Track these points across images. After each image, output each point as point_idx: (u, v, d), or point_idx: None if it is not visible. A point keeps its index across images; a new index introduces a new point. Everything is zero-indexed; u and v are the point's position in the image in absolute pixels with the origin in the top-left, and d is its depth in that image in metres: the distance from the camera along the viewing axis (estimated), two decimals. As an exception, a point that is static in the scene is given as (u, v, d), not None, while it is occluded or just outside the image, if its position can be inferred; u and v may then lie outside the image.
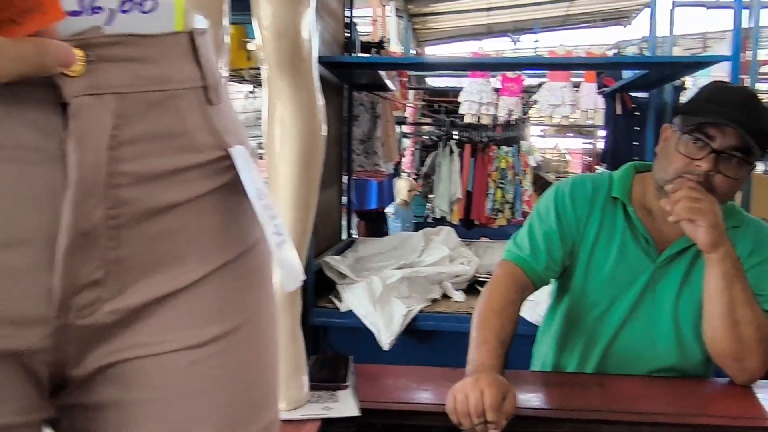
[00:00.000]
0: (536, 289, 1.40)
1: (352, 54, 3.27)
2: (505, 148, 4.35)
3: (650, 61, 2.89)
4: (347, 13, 3.41)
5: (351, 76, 3.28)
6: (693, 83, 6.13)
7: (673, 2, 3.57)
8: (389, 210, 5.73)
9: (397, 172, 6.02)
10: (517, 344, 1.29)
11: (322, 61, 2.63)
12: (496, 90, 7.13)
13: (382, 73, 3.35)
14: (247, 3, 1.08)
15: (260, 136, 2.59)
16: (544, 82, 6.84)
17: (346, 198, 3.66)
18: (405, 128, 7.98)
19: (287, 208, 1.14)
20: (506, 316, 1.28)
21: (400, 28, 8.35)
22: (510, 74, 7.05)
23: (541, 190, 4.69)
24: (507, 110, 6.99)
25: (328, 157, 3.32)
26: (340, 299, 2.56)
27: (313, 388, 1.19)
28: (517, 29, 9.17)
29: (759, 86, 9.70)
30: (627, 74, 3.39)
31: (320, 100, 1.14)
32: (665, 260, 1.36)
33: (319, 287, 2.67)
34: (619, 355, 1.38)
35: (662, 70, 2.82)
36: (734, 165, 1.25)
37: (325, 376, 1.25)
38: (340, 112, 3.43)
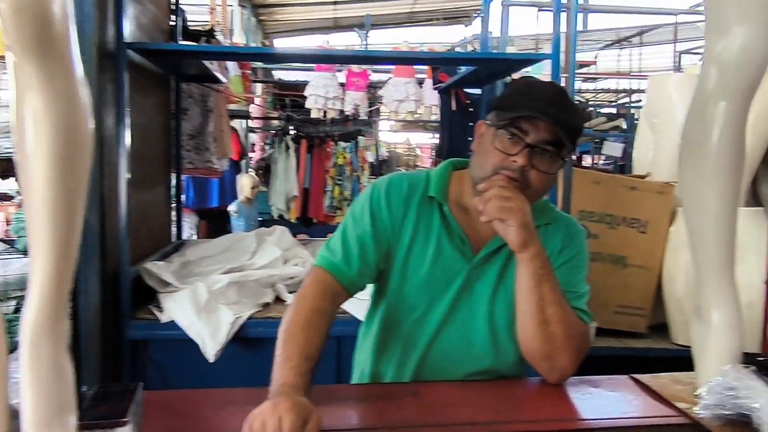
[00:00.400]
0: (350, 296, 1.32)
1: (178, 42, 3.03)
2: (342, 144, 4.28)
3: (477, 57, 2.95)
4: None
5: (179, 66, 3.04)
6: (526, 82, 6.46)
7: (502, 3, 3.67)
8: (232, 208, 5.49)
9: (239, 169, 5.78)
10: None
11: (137, 48, 2.40)
12: (342, 85, 7.10)
13: (212, 64, 3.15)
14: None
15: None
16: (390, 78, 6.93)
17: (178, 197, 3.41)
18: (253, 123, 7.74)
19: (43, 221, 0.95)
20: (313, 328, 1.18)
21: (243, 18, 8.07)
22: (356, 69, 7.04)
23: None
24: (353, 105, 6.99)
25: (156, 153, 3.09)
26: (161, 309, 2.35)
27: (84, 427, 1.02)
28: (364, 24, 9.18)
29: (582, 85, 10.51)
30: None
31: (83, 90, 0.96)
32: (481, 260, 1.33)
33: (139, 297, 2.44)
34: (437, 360, 1.33)
35: (491, 67, 2.88)
36: (547, 160, 1.25)
37: (104, 411, 1.08)
38: (167, 104, 3.18)
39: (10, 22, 0.85)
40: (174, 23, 3.12)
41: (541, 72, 3.57)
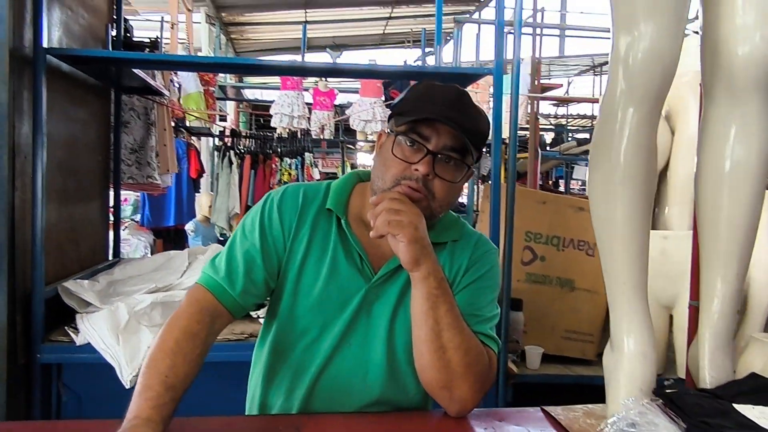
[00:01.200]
0: (234, 317, 1.19)
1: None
2: (288, 160, 4.16)
3: (422, 71, 2.87)
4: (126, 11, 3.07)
5: (118, 77, 2.92)
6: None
7: (454, 19, 3.61)
8: (189, 227, 5.34)
9: (198, 187, 5.63)
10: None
11: (58, 53, 2.29)
12: (309, 104, 7.03)
13: (153, 78, 3.03)
14: None
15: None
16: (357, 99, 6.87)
17: (116, 213, 3.26)
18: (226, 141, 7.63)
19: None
20: (181, 354, 1.05)
21: (212, 36, 7.98)
22: (322, 88, 6.99)
23: None
24: (319, 124, 6.91)
25: (90, 166, 2.95)
26: (78, 331, 2.21)
27: None
28: (336, 45, 9.15)
29: (556, 110, 10.54)
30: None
31: None
32: (380, 279, 1.21)
33: (59, 318, 2.29)
34: (328, 388, 1.21)
35: (439, 80, 2.79)
36: (452, 168, 1.15)
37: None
38: (106, 117, 3.05)
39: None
40: (115, 34, 3.01)
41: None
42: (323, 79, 6.95)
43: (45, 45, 2.18)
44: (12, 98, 2.04)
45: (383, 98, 6.06)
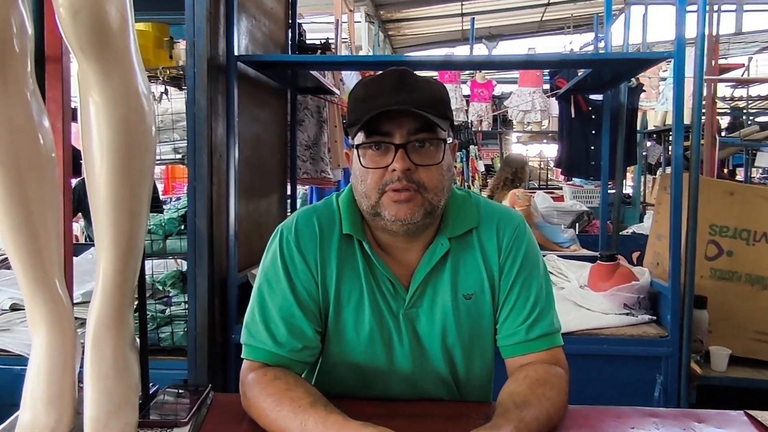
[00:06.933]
0: (301, 372, 1.16)
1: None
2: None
3: (591, 58, 2.75)
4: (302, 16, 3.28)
5: (294, 79, 3.12)
6: (664, 85, 6.03)
7: (625, 2, 3.43)
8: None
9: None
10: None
11: (246, 60, 2.48)
12: (467, 96, 7.03)
13: (325, 77, 3.20)
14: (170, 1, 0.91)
15: (177, 140, 2.42)
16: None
17: (293, 206, 3.49)
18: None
19: (106, 219, 0.97)
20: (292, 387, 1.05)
21: (371, 34, 8.22)
22: (480, 79, 6.96)
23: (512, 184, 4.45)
24: (477, 116, 6.89)
25: (271, 163, 3.18)
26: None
27: (143, 425, 1.03)
28: (492, 35, 9.05)
29: (734, 92, 9.67)
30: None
31: (143, 89, 0.97)
32: (413, 297, 1.16)
33: (245, 301, 2.49)
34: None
35: (613, 69, 2.68)
36: (428, 150, 1.08)
37: (167, 410, 1.09)
38: (284, 116, 3.27)
39: (68, 24, 0.88)
40: (293, 38, 3.22)
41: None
42: (481, 70, 6.92)
43: (236, 53, 2.38)
44: (209, 103, 2.25)
45: (545, 87, 5.91)
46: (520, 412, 0.98)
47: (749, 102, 9.96)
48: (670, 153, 2.50)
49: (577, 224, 5.45)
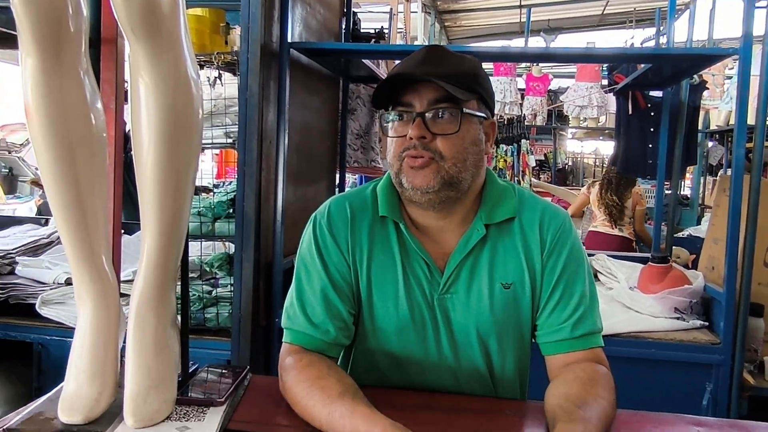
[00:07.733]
0: (335, 357, 1.18)
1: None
2: (503, 147, 4.11)
3: (651, 53, 2.66)
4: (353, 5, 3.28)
5: (347, 67, 3.13)
6: (729, 84, 5.80)
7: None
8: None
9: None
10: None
11: (299, 47, 2.49)
12: (522, 90, 6.92)
13: (378, 66, 3.19)
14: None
15: (229, 125, 2.46)
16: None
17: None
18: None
19: (151, 200, 0.99)
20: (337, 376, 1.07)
21: (428, 25, 8.17)
22: (536, 73, 6.84)
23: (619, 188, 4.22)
24: (531, 110, 6.78)
25: (320, 150, 3.20)
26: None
27: (180, 402, 1.05)
28: (550, 29, 8.87)
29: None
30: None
31: (191, 72, 0.99)
32: (448, 281, 1.16)
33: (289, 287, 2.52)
34: None
35: (675, 65, 2.58)
36: (447, 120, 1.09)
37: (205, 389, 1.10)
38: (335, 104, 3.28)
39: (120, 6, 0.89)
40: (347, 26, 3.22)
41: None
42: (537, 63, 6.81)
43: (289, 40, 2.39)
44: (261, 88, 2.28)
45: (603, 83, 5.77)
46: (584, 413, 0.96)
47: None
48: (731, 154, 2.40)
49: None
